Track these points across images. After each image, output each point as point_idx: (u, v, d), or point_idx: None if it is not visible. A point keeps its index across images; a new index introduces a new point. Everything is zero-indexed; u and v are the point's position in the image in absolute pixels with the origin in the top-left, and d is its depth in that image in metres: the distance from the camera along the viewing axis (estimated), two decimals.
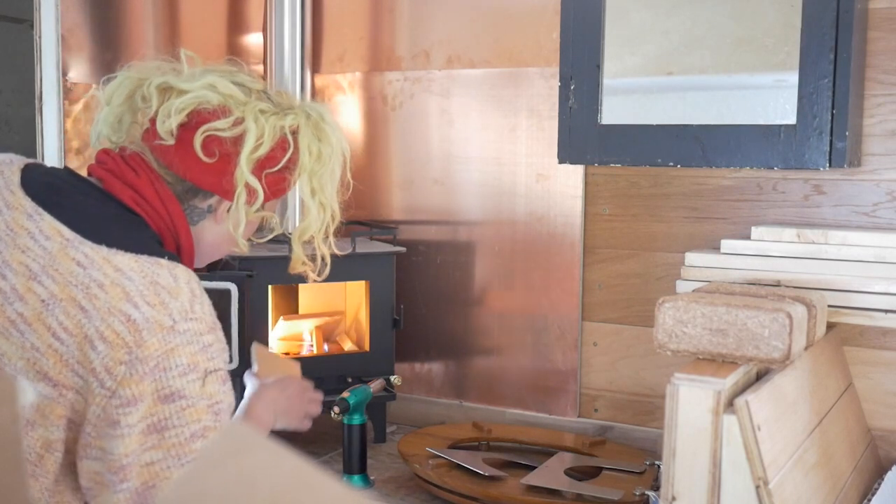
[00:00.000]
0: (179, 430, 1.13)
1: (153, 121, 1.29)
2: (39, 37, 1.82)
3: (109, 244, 1.17)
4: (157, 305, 1.14)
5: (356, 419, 1.75)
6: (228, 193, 1.30)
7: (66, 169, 1.31)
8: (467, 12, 2.10)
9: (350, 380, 1.94)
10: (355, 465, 1.75)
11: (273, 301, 2.00)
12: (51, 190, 1.24)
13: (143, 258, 1.17)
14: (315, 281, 1.43)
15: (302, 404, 1.53)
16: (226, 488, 0.50)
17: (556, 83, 1.89)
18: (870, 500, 1.50)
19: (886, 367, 1.73)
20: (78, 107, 1.86)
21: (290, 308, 2.13)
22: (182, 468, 1.12)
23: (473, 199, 2.11)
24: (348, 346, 2.06)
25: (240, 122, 1.28)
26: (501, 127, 2.07)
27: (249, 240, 1.39)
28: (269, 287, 1.94)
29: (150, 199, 1.26)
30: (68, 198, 1.23)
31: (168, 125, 1.26)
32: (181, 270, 1.19)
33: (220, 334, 1.19)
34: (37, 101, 1.84)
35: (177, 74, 1.32)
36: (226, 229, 1.34)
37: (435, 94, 2.14)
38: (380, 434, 2.01)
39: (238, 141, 1.28)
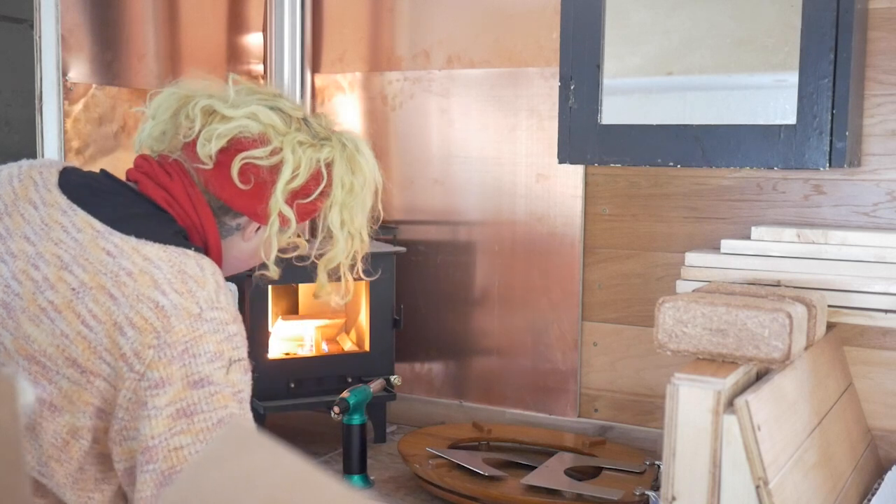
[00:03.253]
0: (208, 415, 1.16)
1: (194, 141, 1.34)
2: (39, 37, 1.82)
3: (139, 235, 1.23)
4: (184, 293, 1.19)
5: (356, 419, 1.75)
6: (261, 218, 1.37)
7: (103, 171, 1.38)
8: (467, 12, 2.10)
9: (350, 380, 1.94)
10: (355, 465, 1.75)
11: (273, 301, 2.00)
12: (85, 189, 1.30)
13: (171, 248, 1.23)
14: (338, 304, 1.51)
15: None
16: (226, 488, 0.50)
17: (556, 83, 1.89)
18: (870, 500, 1.50)
19: (886, 367, 1.73)
20: (78, 107, 1.86)
21: (290, 308, 2.13)
22: None
23: (473, 199, 2.11)
24: (348, 346, 2.06)
25: (277, 151, 1.35)
26: (501, 127, 2.07)
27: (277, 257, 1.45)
28: (269, 287, 1.94)
29: (182, 202, 1.33)
30: (101, 195, 1.29)
31: (208, 149, 1.33)
32: (207, 262, 1.24)
33: (242, 326, 1.24)
34: (37, 101, 1.84)
35: (223, 96, 1.37)
36: (252, 247, 1.41)
37: (435, 94, 2.14)
38: (380, 434, 2.01)
39: (274, 170, 1.35)
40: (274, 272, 1.41)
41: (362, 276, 1.49)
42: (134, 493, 1.17)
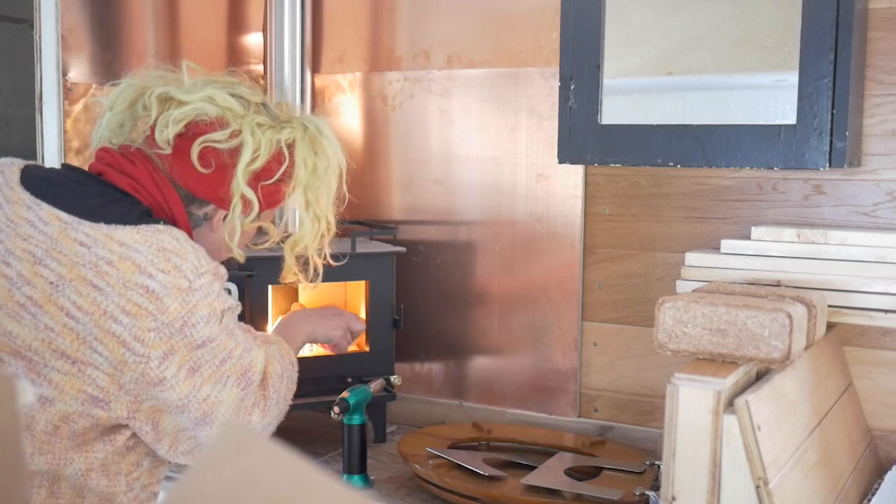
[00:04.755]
0: (211, 362, 1.26)
1: (153, 129, 1.33)
2: (39, 37, 1.82)
3: (107, 221, 1.24)
4: (170, 271, 1.22)
5: (356, 419, 1.75)
6: (224, 203, 1.36)
7: (65, 165, 1.38)
8: (467, 12, 2.10)
9: (350, 380, 1.94)
10: (355, 465, 1.75)
11: (273, 301, 2.00)
12: (48, 183, 1.30)
13: (143, 228, 1.24)
14: (307, 287, 1.51)
15: (341, 321, 1.70)
16: (226, 489, 0.50)
17: (556, 83, 1.89)
18: (870, 500, 1.50)
19: (886, 367, 1.73)
20: (78, 107, 1.86)
21: (290, 308, 2.13)
22: (225, 386, 1.27)
23: (473, 199, 2.11)
24: None
25: (236, 134, 1.34)
26: (501, 127, 2.07)
27: (246, 246, 1.45)
28: (269, 287, 1.94)
29: (147, 186, 1.34)
30: (65, 188, 1.30)
31: (165, 135, 1.32)
32: (178, 231, 1.27)
33: (221, 270, 1.31)
34: (37, 101, 1.84)
35: (179, 84, 1.37)
36: (221, 237, 1.41)
37: (435, 94, 2.14)
38: (380, 434, 2.01)
39: (234, 153, 1.34)
40: (239, 256, 1.42)
41: (330, 260, 1.49)
42: (165, 443, 1.28)
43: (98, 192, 1.29)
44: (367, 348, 2.01)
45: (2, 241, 1.24)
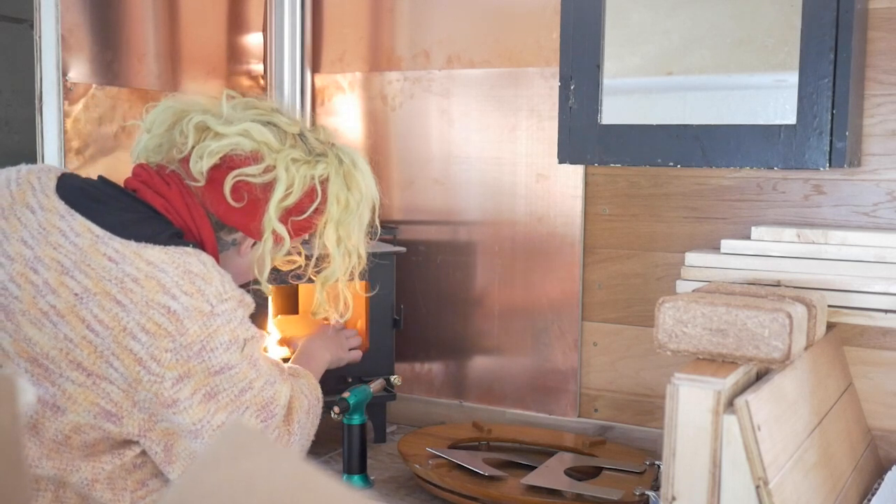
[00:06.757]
0: (229, 390, 1.26)
1: (188, 156, 1.35)
2: (39, 37, 1.82)
3: (138, 239, 1.25)
4: (194, 294, 1.23)
5: (356, 419, 1.75)
6: (255, 234, 1.38)
7: (101, 178, 1.39)
8: (467, 12, 2.10)
9: (350, 380, 1.94)
10: (355, 465, 1.75)
11: (273, 301, 2.00)
12: (83, 194, 1.32)
13: (171, 249, 1.25)
14: (338, 321, 1.53)
15: (343, 341, 1.77)
16: (226, 489, 0.50)
17: (556, 83, 1.89)
18: (870, 500, 1.50)
19: (886, 367, 1.73)
20: (78, 107, 1.86)
21: (290, 308, 2.13)
22: (242, 415, 1.27)
23: (473, 199, 2.11)
24: None
25: (271, 169, 1.35)
26: (501, 127, 2.07)
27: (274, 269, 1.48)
28: (269, 287, 1.94)
29: (179, 209, 1.35)
30: (99, 200, 1.31)
31: (200, 166, 1.34)
32: (206, 256, 1.28)
33: (247, 299, 1.30)
34: (37, 101, 1.84)
35: (217, 113, 1.38)
36: (247, 262, 1.42)
37: (435, 94, 2.14)
38: (380, 434, 2.01)
39: (268, 188, 1.35)
40: (266, 290, 1.43)
41: (359, 291, 1.52)
42: (177, 467, 1.27)
43: (131, 208, 1.31)
44: (367, 348, 2.00)
45: (32, 247, 1.25)
